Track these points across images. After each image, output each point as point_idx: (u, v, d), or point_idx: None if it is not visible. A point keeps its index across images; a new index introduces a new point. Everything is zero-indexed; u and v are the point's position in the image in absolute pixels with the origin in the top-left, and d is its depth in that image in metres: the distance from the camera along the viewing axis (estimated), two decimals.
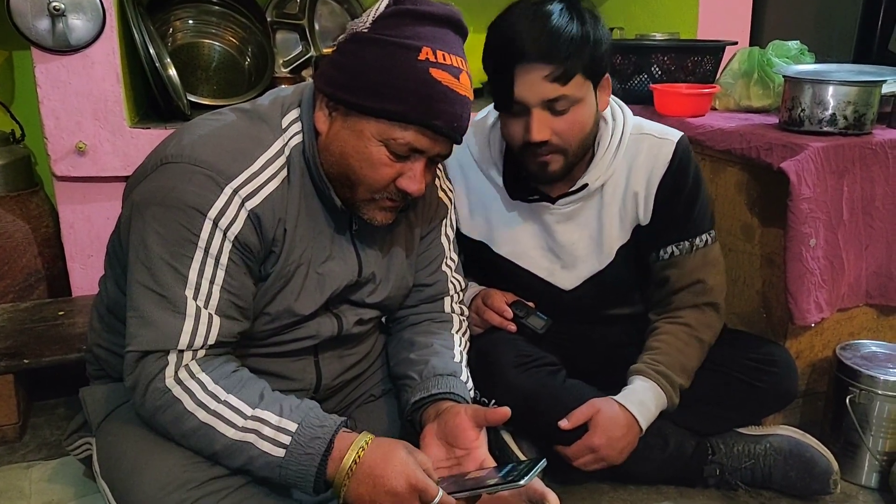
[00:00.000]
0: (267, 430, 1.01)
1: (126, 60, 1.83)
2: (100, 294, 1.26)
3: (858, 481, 1.51)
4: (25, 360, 1.59)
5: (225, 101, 2.10)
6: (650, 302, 1.52)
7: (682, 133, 1.43)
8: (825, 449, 1.42)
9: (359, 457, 1.01)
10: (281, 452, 1.01)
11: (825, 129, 1.55)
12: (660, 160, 1.41)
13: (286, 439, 1.01)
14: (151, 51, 1.80)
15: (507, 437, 1.45)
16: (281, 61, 2.46)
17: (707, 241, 1.45)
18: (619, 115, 1.43)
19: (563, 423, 1.33)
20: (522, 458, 1.40)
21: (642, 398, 1.36)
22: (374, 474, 1.00)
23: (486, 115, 1.47)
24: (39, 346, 1.64)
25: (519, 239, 1.48)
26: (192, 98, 2.08)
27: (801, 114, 1.57)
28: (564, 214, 1.44)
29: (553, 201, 1.43)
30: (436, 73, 1.03)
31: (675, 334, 1.43)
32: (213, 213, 1.02)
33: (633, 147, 1.42)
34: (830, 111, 1.54)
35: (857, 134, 1.55)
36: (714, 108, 1.92)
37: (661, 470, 1.45)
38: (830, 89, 1.53)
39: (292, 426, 1.02)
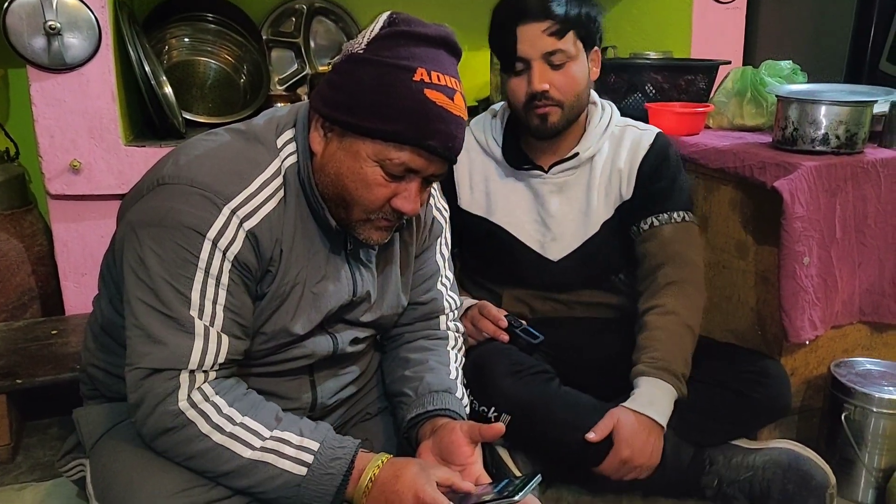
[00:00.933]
0: (288, 450, 1.03)
1: (121, 78, 1.83)
2: (94, 313, 1.25)
3: (855, 498, 1.51)
4: (18, 381, 1.58)
5: (220, 119, 2.11)
6: (636, 291, 1.56)
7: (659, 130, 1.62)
8: (823, 462, 1.42)
9: (374, 475, 1.04)
10: (303, 471, 1.02)
11: (818, 148, 1.56)
12: (643, 143, 1.58)
13: (309, 458, 1.03)
14: (147, 68, 1.81)
15: (504, 453, 1.46)
16: (276, 79, 2.47)
17: (685, 217, 1.56)
18: (607, 107, 1.62)
19: (591, 436, 1.36)
20: (518, 473, 1.41)
21: (652, 398, 1.38)
22: (386, 491, 1.02)
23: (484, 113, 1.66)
24: (32, 365, 1.63)
25: (514, 209, 1.60)
26: (188, 116, 2.08)
27: (794, 133, 1.58)
28: (556, 185, 1.59)
29: (546, 171, 1.56)
30: (430, 94, 1.03)
31: (665, 327, 1.45)
32: (212, 233, 1.02)
33: (619, 133, 1.60)
34: (823, 130, 1.55)
35: (849, 153, 1.56)
36: (708, 127, 1.93)
37: (659, 477, 1.43)
38: (823, 109, 1.54)
39: (314, 445, 1.04)
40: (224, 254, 1.03)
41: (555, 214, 1.59)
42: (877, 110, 1.62)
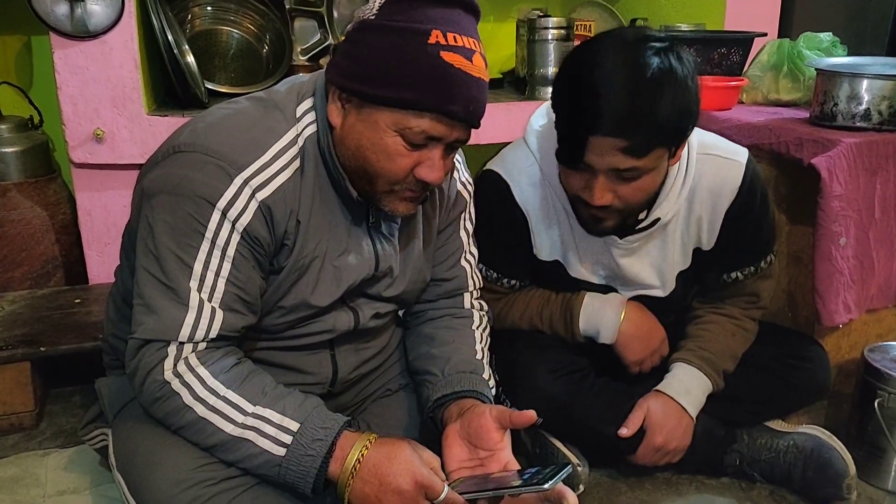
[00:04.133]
0: (268, 429, 1.01)
1: (144, 47, 1.81)
2: (116, 284, 1.25)
3: (885, 486, 1.47)
4: (42, 348, 1.59)
5: (242, 90, 2.08)
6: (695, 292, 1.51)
7: (748, 151, 1.36)
8: (846, 452, 1.38)
9: (362, 455, 1.00)
10: (282, 451, 1.00)
11: (858, 124, 1.50)
12: (727, 185, 1.32)
13: (287, 438, 1.00)
14: (170, 37, 1.78)
15: (551, 436, 1.45)
16: (299, 49, 2.42)
17: (770, 260, 1.43)
18: (687, 148, 1.32)
19: (623, 432, 1.35)
20: (566, 452, 1.42)
21: (687, 386, 1.37)
22: (380, 473, 0.99)
23: (548, 124, 1.32)
24: (56, 333, 1.64)
25: (585, 265, 1.42)
26: (210, 86, 2.06)
27: (834, 108, 1.52)
28: (629, 250, 1.38)
29: (621, 235, 1.35)
30: (447, 57, 0.99)
31: (719, 322, 1.44)
32: (222, 203, 1.01)
33: (699, 169, 1.32)
34: (864, 106, 1.49)
35: (891, 130, 1.50)
36: (741, 102, 1.88)
37: (689, 456, 1.43)
38: (865, 83, 1.49)
39: (294, 425, 1.01)
40: (233, 224, 1.02)
41: (628, 276, 1.40)
42: None
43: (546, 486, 0.94)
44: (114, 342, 1.25)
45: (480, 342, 1.31)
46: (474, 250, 1.37)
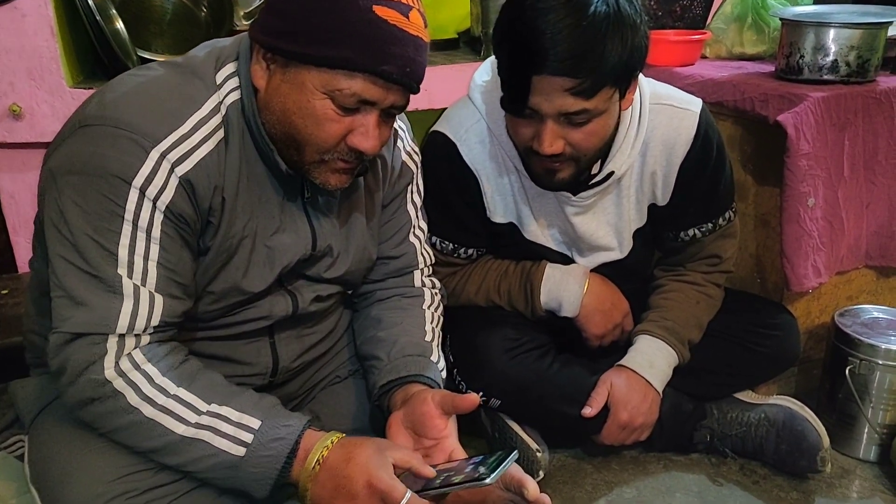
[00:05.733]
0: (226, 427, 0.92)
1: (63, 12, 1.67)
2: (31, 277, 1.14)
3: (856, 455, 1.44)
4: None
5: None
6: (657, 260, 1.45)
7: (702, 101, 1.30)
8: (819, 423, 1.34)
9: (322, 457, 0.93)
10: (241, 451, 0.92)
11: (826, 77, 1.44)
12: (681, 136, 1.26)
13: (248, 437, 0.92)
14: (90, 1, 1.64)
15: (512, 422, 1.39)
16: (242, 13, 2.28)
17: (730, 217, 1.36)
18: (639, 98, 1.25)
19: (587, 411, 1.30)
20: (524, 437, 1.36)
21: (651, 359, 1.32)
22: (337, 475, 0.92)
23: (493, 79, 1.24)
24: None
25: (542, 227, 1.36)
26: (145, 54, 1.91)
27: (800, 61, 1.45)
28: (583, 207, 1.31)
29: (575, 192, 1.28)
30: (381, 11, 0.91)
31: (682, 290, 1.38)
32: (138, 180, 0.91)
33: (651, 120, 1.26)
34: (832, 57, 1.42)
35: (860, 82, 1.44)
36: (704, 57, 1.80)
37: (657, 434, 1.39)
38: (832, 33, 1.42)
39: (255, 423, 0.93)
40: (154, 203, 0.92)
41: (583, 235, 1.34)
42: (891, 33, 1.48)
43: (488, 479, 0.87)
44: (32, 338, 1.15)
45: (431, 322, 1.23)
46: (423, 225, 1.29)
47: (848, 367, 1.38)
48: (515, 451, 0.95)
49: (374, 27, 0.91)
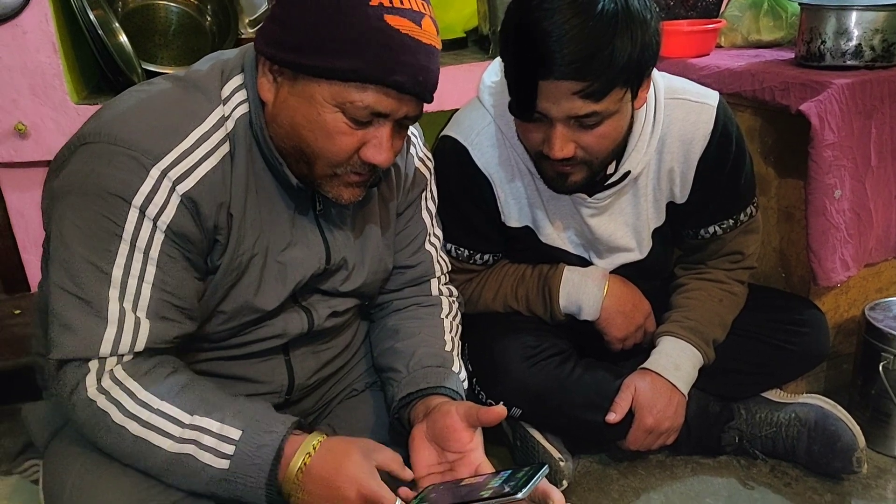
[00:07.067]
0: (208, 440, 0.89)
1: (65, 28, 1.66)
2: (38, 298, 1.12)
3: (891, 453, 1.40)
4: None
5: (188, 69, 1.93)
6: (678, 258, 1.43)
7: (719, 94, 1.26)
8: (853, 422, 1.30)
9: (305, 463, 0.90)
10: (224, 464, 0.89)
11: (849, 62, 1.40)
12: (699, 131, 1.23)
13: (229, 448, 0.89)
14: (91, 16, 1.62)
15: (534, 431, 1.36)
16: (247, 21, 2.27)
17: (752, 212, 1.33)
18: (653, 95, 1.22)
19: (611, 417, 1.28)
20: (546, 446, 1.33)
21: (676, 360, 1.29)
22: (325, 481, 0.90)
23: (502, 79, 1.19)
24: None
25: (558, 230, 1.32)
26: (151, 67, 1.90)
27: (822, 46, 1.40)
28: (599, 208, 1.28)
29: (591, 193, 1.25)
30: (392, 20, 0.88)
31: (704, 289, 1.35)
32: (138, 199, 0.89)
33: (667, 115, 1.22)
34: (855, 42, 1.38)
35: (884, 66, 1.40)
36: (720, 46, 1.76)
37: (684, 437, 1.36)
38: (854, 16, 1.37)
39: (235, 433, 0.90)
40: (154, 223, 0.90)
41: (601, 237, 1.31)
42: None
43: (519, 494, 0.85)
44: (41, 361, 1.14)
45: (450, 331, 1.21)
46: (439, 232, 1.27)
47: (881, 363, 1.34)
48: (546, 467, 0.92)
49: (385, 37, 0.88)
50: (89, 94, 1.75)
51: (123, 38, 1.81)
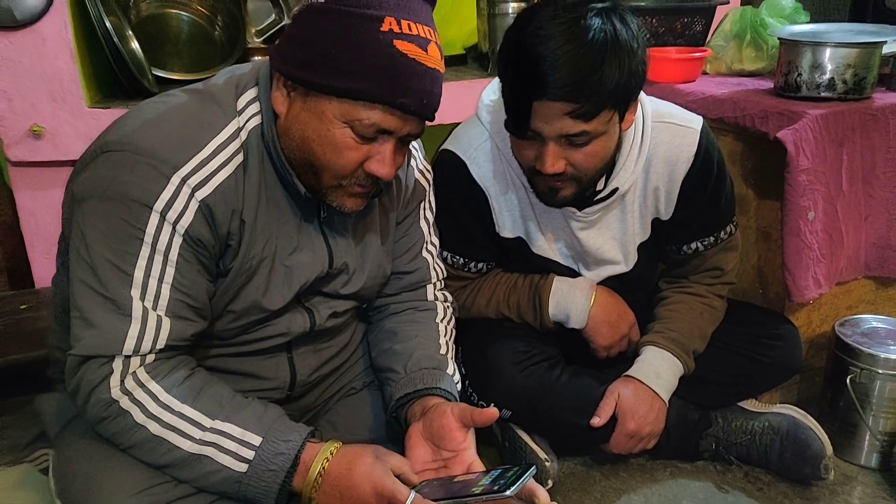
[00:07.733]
0: (228, 444, 0.95)
1: (82, 35, 1.71)
2: (55, 293, 1.17)
3: (857, 461, 1.46)
4: None
5: (198, 76, 1.98)
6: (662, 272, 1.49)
7: (702, 118, 1.34)
8: (822, 431, 1.37)
9: (324, 468, 0.96)
10: (243, 467, 0.95)
11: (823, 94, 1.47)
12: (683, 153, 1.30)
13: (249, 454, 0.96)
14: (107, 24, 1.68)
15: (522, 433, 1.42)
16: (254, 31, 2.33)
17: (731, 231, 1.40)
18: (640, 117, 1.29)
19: (595, 421, 1.33)
20: (533, 447, 1.39)
21: (657, 369, 1.35)
22: (340, 485, 0.96)
23: (499, 98, 1.25)
24: (3, 342, 1.56)
25: (549, 242, 1.39)
26: (162, 73, 1.96)
27: (798, 79, 1.48)
28: (588, 222, 1.35)
29: (580, 207, 1.32)
30: (401, 46, 0.94)
31: (686, 302, 1.42)
32: (159, 205, 0.94)
33: (654, 137, 1.30)
34: (829, 75, 1.46)
35: (856, 99, 1.47)
36: (705, 73, 1.84)
37: (664, 443, 1.42)
38: (828, 52, 1.45)
39: (256, 440, 0.96)
40: (174, 227, 0.96)
41: (589, 249, 1.38)
42: (885, 51, 1.52)
43: (508, 492, 0.91)
44: (57, 355, 1.18)
45: (445, 335, 1.27)
46: (435, 240, 1.33)
47: (849, 377, 1.41)
48: (534, 467, 0.98)
49: (395, 61, 0.94)
50: (102, 99, 1.80)
51: (136, 45, 1.86)
